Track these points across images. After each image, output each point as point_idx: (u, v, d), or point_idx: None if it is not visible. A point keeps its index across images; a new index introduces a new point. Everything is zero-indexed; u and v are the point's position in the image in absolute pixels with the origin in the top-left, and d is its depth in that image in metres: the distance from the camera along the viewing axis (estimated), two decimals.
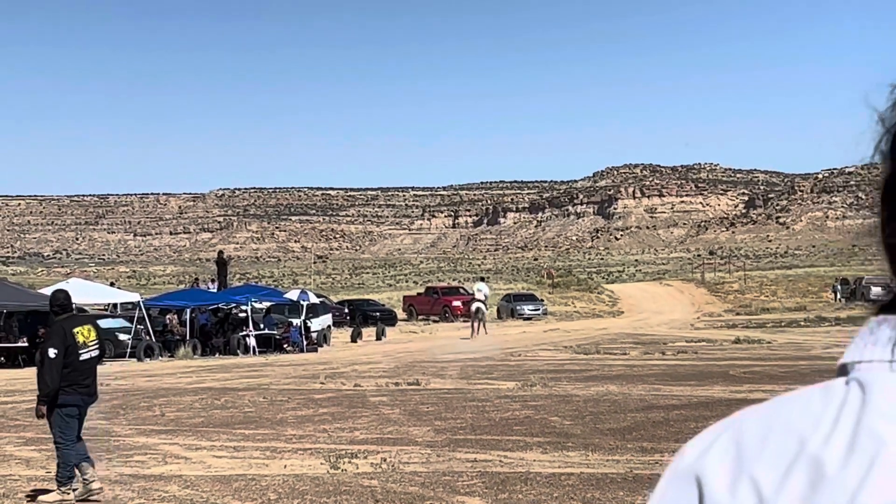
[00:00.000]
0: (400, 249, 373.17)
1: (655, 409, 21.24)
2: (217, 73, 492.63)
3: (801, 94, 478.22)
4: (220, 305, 48.72)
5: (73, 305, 14.64)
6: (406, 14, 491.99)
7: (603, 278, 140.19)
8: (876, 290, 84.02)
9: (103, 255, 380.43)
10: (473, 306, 55.64)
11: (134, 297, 47.99)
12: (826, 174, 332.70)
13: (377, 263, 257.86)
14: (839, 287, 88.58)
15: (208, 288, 58.42)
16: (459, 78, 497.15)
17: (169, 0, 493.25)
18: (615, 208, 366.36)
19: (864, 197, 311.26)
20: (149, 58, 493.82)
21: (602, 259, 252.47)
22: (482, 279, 65.85)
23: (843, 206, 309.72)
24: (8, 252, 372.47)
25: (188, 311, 46.76)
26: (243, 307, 47.38)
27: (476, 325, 54.42)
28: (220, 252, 63.96)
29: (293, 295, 53.58)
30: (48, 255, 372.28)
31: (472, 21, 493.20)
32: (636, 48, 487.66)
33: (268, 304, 50.61)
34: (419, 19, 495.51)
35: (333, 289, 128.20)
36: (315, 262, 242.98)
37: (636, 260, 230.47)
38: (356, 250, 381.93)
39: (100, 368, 14.32)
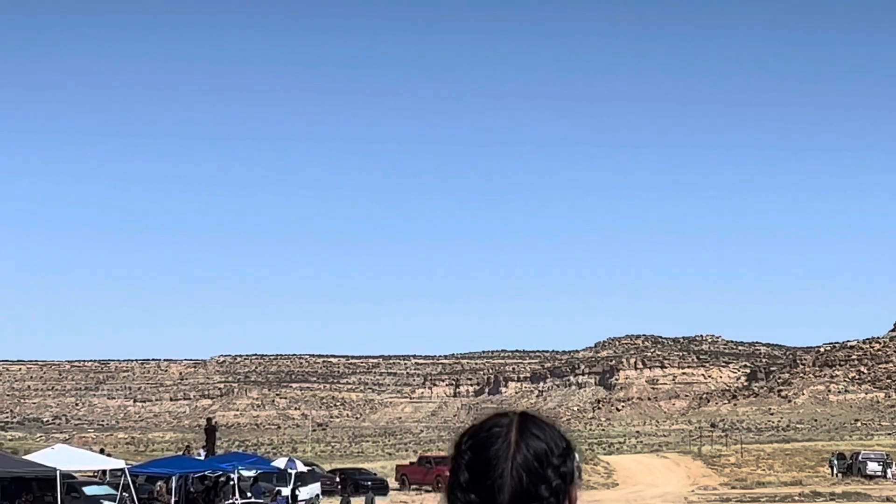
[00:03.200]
0: (401, 418, 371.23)
1: None
2: (219, 240, 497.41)
3: (803, 268, 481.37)
4: (206, 473, 48.52)
5: None
6: (409, 184, 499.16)
7: (603, 449, 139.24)
8: (872, 466, 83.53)
9: (103, 420, 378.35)
10: None
11: (119, 463, 47.84)
12: (828, 348, 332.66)
13: (377, 432, 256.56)
14: (836, 461, 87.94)
15: (199, 455, 58.21)
16: (462, 247, 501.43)
17: (166, 162, 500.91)
18: (617, 379, 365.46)
19: (865, 371, 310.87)
20: (149, 223, 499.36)
21: (603, 430, 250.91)
22: None
23: (845, 380, 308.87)
24: (7, 417, 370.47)
25: (174, 478, 46.56)
26: (231, 475, 47.21)
27: None
28: (209, 419, 63.98)
29: (280, 463, 53.37)
30: (47, 421, 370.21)
31: (471, 192, 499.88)
32: (638, 220, 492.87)
33: (256, 471, 50.40)
34: (422, 189, 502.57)
35: (332, 457, 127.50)
36: (314, 430, 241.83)
37: (637, 431, 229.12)
38: (357, 418, 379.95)
39: None
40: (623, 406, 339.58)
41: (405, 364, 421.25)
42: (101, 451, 64.03)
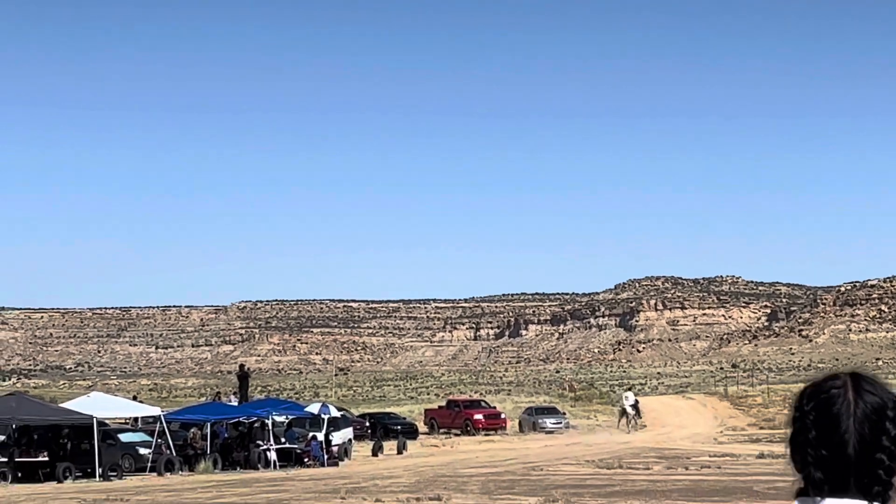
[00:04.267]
0: (422, 362, 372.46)
1: None
2: (238, 186, 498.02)
3: (823, 207, 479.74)
4: (240, 419, 48.59)
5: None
6: (428, 128, 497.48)
7: (625, 391, 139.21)
8: None
9: (125, 367, 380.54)
10: (622, 407, 75.40)
11: (155, 410, 47.92)
12: (848, 287, 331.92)
13: (399, 376, 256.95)
14: None
15: (230, 401, 58.32)
16: (481, 190, 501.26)
17: (185, 115, 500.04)
18: (637, 321, 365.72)
19: (886, 310, 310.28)
20: (169, 170, 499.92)
21: (624, 372, 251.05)
22: (629, 389, 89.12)
23: (865, 319, 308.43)
24: (30, 364, 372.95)
25: (208, 424, 46.62)
26: (265, 421, 47.24)
27: (625, 421, 72.77)
28: (242, 365, 63.97)
29: (314, 408, 53.39)
30: (70, 368, 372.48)
31: (491, 134, 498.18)
32: (658, 161, 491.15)
33: (289, 417, 50.44)
34: (442, 132, 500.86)
35: (355, 401, 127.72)
36: (336, 375, 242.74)
37: (659, 373, 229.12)
38: (378, 362, 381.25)
39: (119, 483, 14.30)
40: (644, 347, 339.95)
41: (425, 308, 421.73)
42: (135, 398, 64.25)
